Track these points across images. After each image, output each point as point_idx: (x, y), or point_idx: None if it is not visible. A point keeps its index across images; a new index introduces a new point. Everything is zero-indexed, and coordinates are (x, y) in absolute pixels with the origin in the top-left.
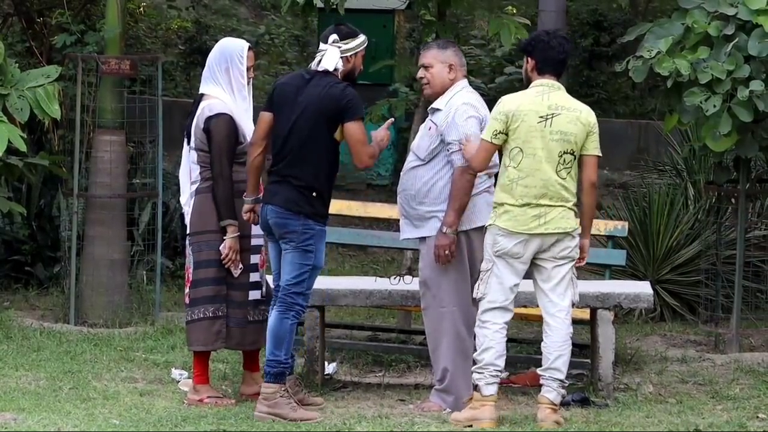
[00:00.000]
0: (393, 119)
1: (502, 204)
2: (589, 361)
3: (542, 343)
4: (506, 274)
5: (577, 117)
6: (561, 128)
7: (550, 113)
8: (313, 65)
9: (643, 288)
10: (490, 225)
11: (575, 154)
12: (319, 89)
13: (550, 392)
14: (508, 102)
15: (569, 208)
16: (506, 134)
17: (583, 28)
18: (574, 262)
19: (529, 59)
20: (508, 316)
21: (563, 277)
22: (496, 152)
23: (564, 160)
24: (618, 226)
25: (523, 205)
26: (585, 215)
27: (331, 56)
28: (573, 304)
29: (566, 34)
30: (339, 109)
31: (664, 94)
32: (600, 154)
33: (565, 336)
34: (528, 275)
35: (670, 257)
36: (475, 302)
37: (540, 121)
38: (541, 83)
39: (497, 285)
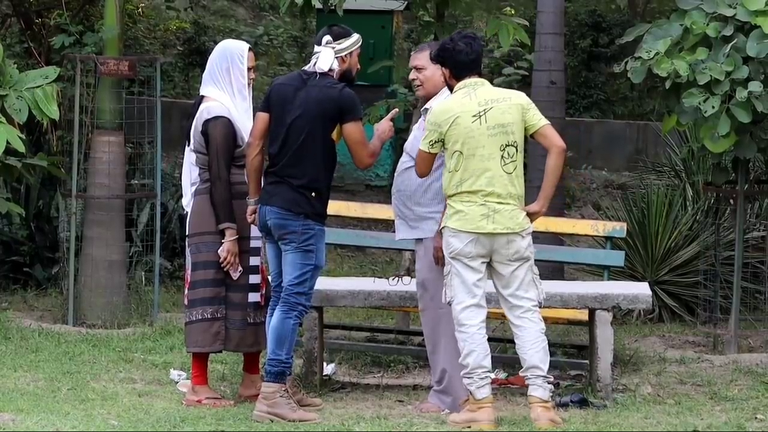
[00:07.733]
0: (397, 109)
1: (452, 206)
2: (587, 362)
3: (515, 346)
4: (466, 273)
5: (509, 105)
6: (497, 121)
7: (482, 109)
8: (309, 67)
9: (641, 289)
10: (443, 228)
11: (517, 146)
12: (317, 90)
13: (537, 389)
14: (438, 111)
15: (518, 207)
16: (442, 141)
17: (582, 29)
18: (530, 262)
19: (444, 69)
20: (483, 314)
21: (522, 279)
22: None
23: (507, 153)
24: (616, 227)
25: (472, 204)
26: (547, 177)
27: (325, 57)
28: (540, 304)
29: (565, 34)
30: (337, 110)
31: (662, 95)
32: (548, 122)
33: (537, 333)
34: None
35: (668, 258)
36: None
37: (474, 120)
38: (464, 84)
39: (460, 285)
